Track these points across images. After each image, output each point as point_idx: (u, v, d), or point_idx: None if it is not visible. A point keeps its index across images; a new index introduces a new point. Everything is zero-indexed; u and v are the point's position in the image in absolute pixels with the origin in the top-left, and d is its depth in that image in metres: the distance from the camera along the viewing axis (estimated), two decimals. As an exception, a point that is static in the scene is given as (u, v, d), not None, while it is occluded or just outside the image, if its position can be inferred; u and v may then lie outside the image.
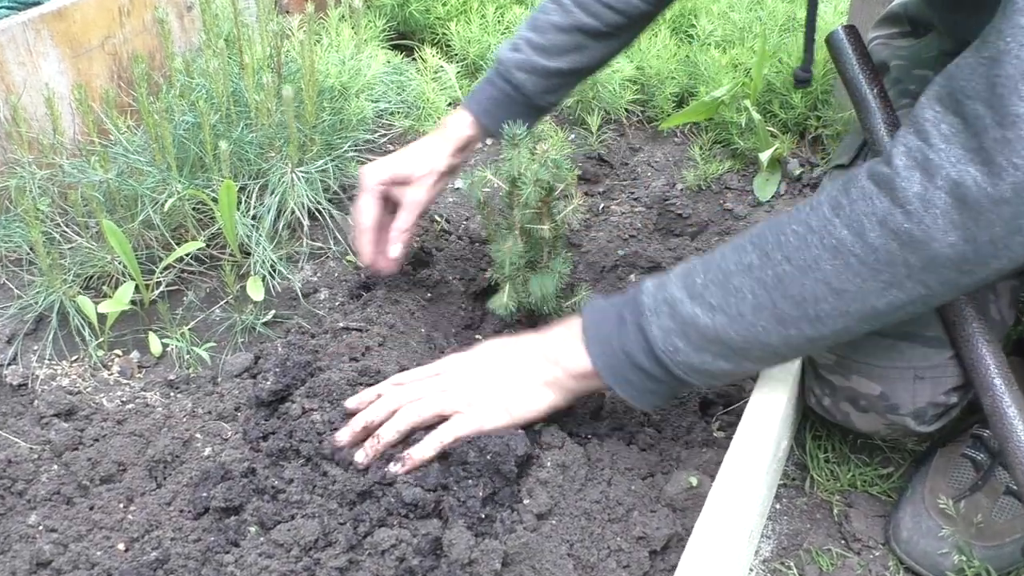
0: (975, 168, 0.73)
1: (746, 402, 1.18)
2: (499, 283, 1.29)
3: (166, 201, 1.34)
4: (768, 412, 1.00)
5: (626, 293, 0.98)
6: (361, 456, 1.00)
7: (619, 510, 1.01)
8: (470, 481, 0.98)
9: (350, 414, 1.05)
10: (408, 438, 1.02)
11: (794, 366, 1.05)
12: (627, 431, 1.12)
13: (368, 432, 1.02)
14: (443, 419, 1.00)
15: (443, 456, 1.02)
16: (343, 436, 1.02)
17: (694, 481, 1.02)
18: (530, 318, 1.41)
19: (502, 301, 1.25)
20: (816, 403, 1.07)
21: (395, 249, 1.32)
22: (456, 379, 1.03)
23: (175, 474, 1.10)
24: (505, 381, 1.01)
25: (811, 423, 1.20)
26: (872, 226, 0.78)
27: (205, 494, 1.04)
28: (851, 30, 1.11)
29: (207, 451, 1.14)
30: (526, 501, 0.98)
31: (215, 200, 1.37)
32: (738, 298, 0.86)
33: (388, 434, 1.00)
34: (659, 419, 1.15)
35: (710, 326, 0.87)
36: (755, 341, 0.87)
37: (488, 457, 0.98)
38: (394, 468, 0.98)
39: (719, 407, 1.19)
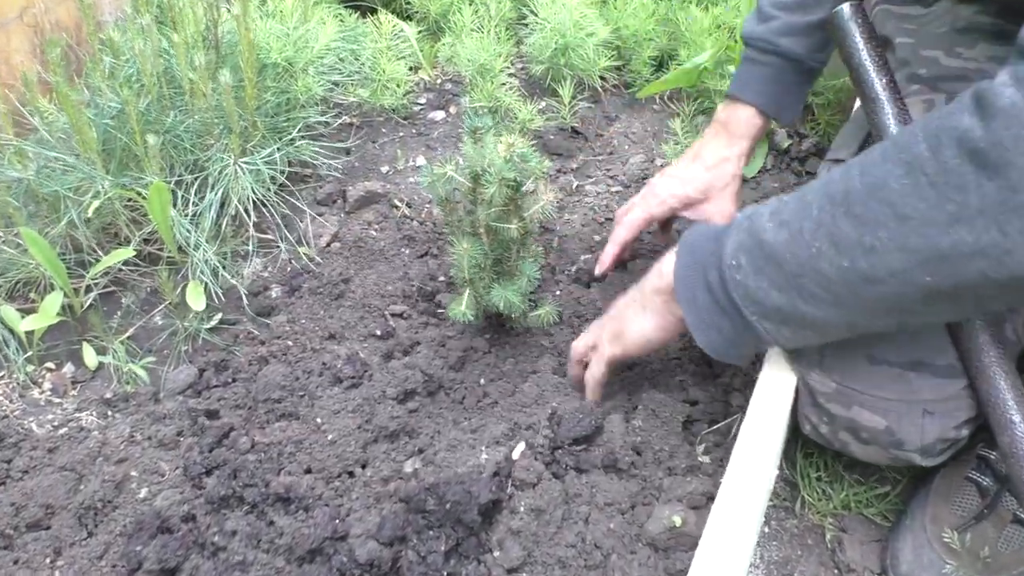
0: None
1: (734, 421, 1.09)
2: (460, 286, 1.17)
3: (91, 203, 1.20)
4: (760, 449, 0.90)
5: None
6: None
7: (596, 555, 0.92)
8: (431, 532, 0.88)
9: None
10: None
11: (787, 394, 0.95)
12: (613, 456, 1.02)
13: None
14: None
15: (404, 501, 0.92)
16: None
17: (677, 521, 0.93)
18: (499, 318, 1.30)
19: (460, 309, 1.13)
20: (812, 431, 0.97)
21: None
22: (605, 319, 1.09)
23: (107, 521, 1.00)
24: (623, 316, 1.03)
25: (802, 439, 1.11)
26: (948, 142, 0.67)
27: (139, 548, 0.94)
28: (858, 9, 0.98)
29: (143, 492, 1.03)
30: (496, 553, 0.89)
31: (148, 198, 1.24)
32: (805, 213, 0.77)
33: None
34: (640, 441, 1.06)
35: (771, 243, 0.79)
36: (808, 267, 0.76)
37: (448, 506, 0.88)
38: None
39: (704, 424, 1.10)
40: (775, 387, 0.96)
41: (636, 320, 1.01)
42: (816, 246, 0.75)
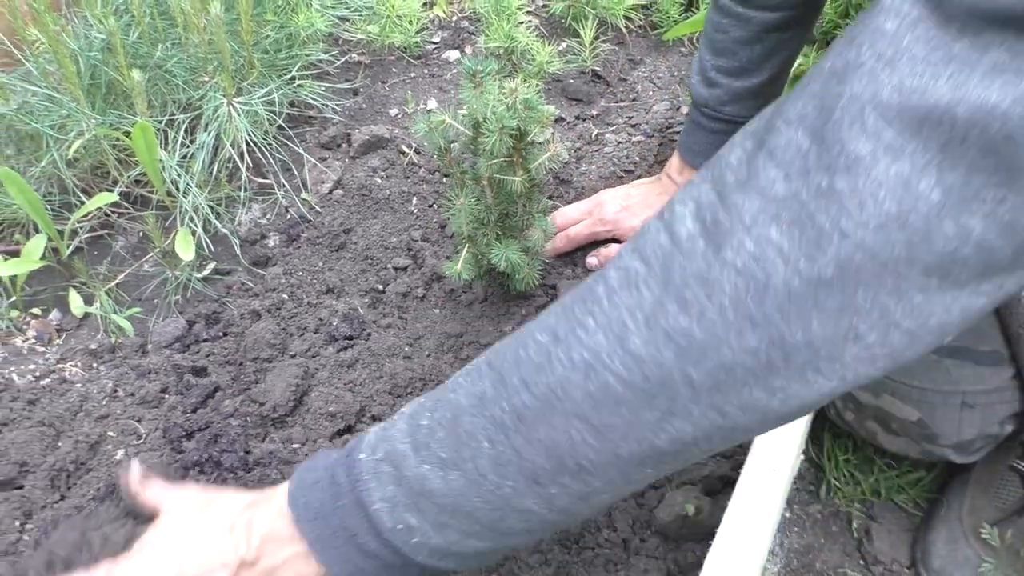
0: (780, 232, 0.47)
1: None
2: (458, 244, 1.09)
3: (73, 142, 1.12)
4: (785, 431, 0.82)
5: (348, 444, 0.67)
6: None
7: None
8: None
9: None
10: None
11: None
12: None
13: None
14: None
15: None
16: None
17: (691, 509, 0.86)
18: (503, 287, 1.21)
19: (456, 268, 1.05)
20: (836, 416, 0.89)
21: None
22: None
23: (80, 484, 0.94)
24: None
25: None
26: (637, 328, 0.52)
27: (111, 515, 0.88)
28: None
29: (119, 454, 0.97)
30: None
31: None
32: (472, 447, 0.58)
33: None
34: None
35: (444, 491, 0.59)
36: (508, 508, 0.58)
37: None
38: None
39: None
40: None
41: None
42: (509, 485, 0.58)
